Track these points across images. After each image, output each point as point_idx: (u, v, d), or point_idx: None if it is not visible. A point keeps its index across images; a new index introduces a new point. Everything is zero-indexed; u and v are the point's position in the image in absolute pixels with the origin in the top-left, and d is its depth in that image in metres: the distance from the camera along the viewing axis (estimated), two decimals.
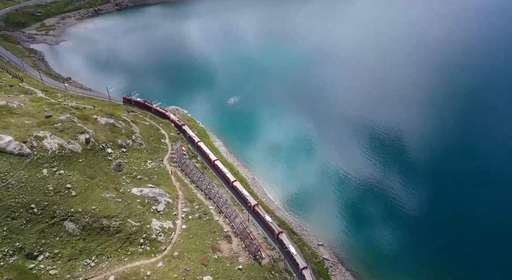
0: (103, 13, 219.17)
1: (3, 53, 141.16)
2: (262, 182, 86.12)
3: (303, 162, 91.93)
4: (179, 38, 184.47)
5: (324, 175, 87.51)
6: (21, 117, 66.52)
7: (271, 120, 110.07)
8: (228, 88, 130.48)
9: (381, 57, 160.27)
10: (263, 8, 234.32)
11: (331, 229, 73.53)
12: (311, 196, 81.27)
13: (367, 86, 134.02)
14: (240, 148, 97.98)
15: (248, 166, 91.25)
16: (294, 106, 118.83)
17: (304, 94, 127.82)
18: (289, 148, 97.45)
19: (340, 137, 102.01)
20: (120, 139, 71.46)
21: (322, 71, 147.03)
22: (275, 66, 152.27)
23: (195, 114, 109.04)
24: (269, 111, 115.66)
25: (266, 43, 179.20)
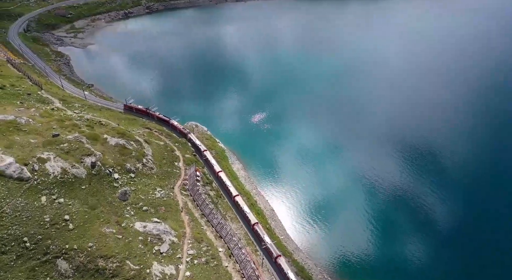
0: (133, 16, 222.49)
1: (30, 56, 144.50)
2: (282, 215, 79.81)
3: (333, 197, 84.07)
4: (207, 45, 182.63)
5: (361, 219, 78.17)
6: (27, 135, 64.52)
7: (299, 143, 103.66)
8: (254, 103, 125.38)
9: (419, 69, 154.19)
10: (297, 16, 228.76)
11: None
12: (340, 238, 73.79)
13: (406, 103, 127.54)
14: (261, 173, 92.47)
15: (268, 196, 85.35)
16: (326, 128, 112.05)
17: (338, 113, 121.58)
18: (317, 178, 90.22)
19: (385, 175, 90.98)
20: (129, 163, 67.89)
21: (360, 85, 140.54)
22: (308, 78, 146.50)
23: (215, 132, 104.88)
24: (297, 131, 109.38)
25: (299, 53, 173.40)
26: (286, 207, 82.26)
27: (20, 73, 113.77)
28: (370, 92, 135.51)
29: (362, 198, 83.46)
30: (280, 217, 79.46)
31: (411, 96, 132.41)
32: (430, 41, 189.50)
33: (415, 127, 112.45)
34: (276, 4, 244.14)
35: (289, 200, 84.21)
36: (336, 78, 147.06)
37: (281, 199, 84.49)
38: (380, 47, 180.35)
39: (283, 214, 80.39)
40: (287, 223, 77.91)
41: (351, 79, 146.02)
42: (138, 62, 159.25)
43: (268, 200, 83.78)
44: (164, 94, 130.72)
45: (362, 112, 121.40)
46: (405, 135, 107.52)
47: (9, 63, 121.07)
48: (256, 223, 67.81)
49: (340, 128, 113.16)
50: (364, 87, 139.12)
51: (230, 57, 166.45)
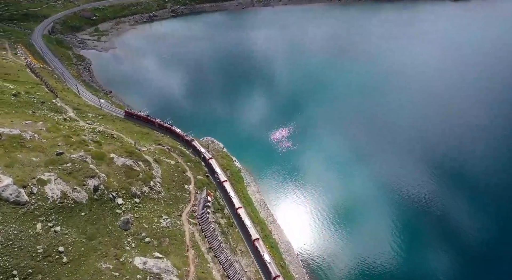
0: (158, 19, 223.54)
1: (51, 59, 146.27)
2: (299, 248, 74.12)
3: (361, 231, 77.37)
4: (230, 52, 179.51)
5: (395, 259, 71.66)
6: (31, 152, 62.42)
7: (321, 165, 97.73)
8: (276, 117, 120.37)
9: (456, 81, 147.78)
10: (327, 21, 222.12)
11: None
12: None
13: (440, 117, 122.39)
14: (278, 198, 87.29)
15: (284, 224, 79.95)
16: (353, 147, 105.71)
17: (367, 127, 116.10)
18: (342, 207, 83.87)
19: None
20: (135, 186, 64.54)
21: (391, 97, 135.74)
22: (336, 89, 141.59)
23: (232, 149, 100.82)
24: (320, 152, 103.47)
25: (327, 61, 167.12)
26: (304, 238, 76.52)
27: (38, 79, 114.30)
28: (400, 103, 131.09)
29: (396, 234, 76.79)
30: (297, 251, 73.83)
31: (444, 110, 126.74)
32: (471, 51, 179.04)
33: (448, 142, 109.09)
34: (304, 9, 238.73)
35: (307, 230, 78.55)
36: (366, 89, 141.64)
37: (299, 229, 78.87)
38: (415, 57, 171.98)
39: (300, 247, 74.74)
40: (305, 257, 72.12)
41: (382, 90, 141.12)
42: (159, 69, 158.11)
43: (284, 230, 78.49)
44: (182, 105, 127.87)
45: (392, 124, 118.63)
46: (436, 149, 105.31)
47: (28, 67, 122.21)
48: (269, 263, 62.52)
49: (369, 143, 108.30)
50: (395, 99, 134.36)
51: (254, 66, 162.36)
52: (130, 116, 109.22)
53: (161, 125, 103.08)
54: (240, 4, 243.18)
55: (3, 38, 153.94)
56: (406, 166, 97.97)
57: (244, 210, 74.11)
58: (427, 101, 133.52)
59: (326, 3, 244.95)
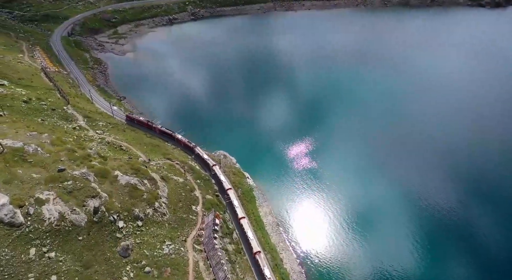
0: (178, 23, 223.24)
1: (67, 63, 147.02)
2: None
3: (385, 263, 72.23)
4: (250, 59, 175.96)
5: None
6: (32, 167, 60.41)
7: (348, 188, 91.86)
8: (294, 131, 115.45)
9: (491, 94, 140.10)
10: (353, 27, 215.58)
11: None
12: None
13: (472, 131, 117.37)
14: (292, 221, 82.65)
15: (297, 250, 75.40)
16: (380, 162, 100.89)
17: (395, 143, 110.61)
18: (363, 233, 78.78)
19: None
20: (138, 208, 61.55)
21: (421, 109, 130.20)
22: (362, 99, 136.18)
23: (245, 164, 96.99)
24: (345, 171, 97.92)
25: (353, 70, 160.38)
26: (319, 269, 71.59)
27: (51, 84, 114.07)
28: (426, 114, 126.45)
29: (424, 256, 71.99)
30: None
31: (473, 123, 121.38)
32: (507, 62, 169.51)
33: (474, 155, 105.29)
34: (328, 14, 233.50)
35: (322, 258, 73.66)
36: (391, 99, 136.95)
37: (313, 257, 74.06)
38: (445, 67, 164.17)
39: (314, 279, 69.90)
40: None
41: (408, 100, 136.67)
42: (175, 75, 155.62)
43: (297, 258, 73.76)
44: (197, 115, 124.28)
45: (416, 136, 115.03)
46: (461, 162, 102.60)
47: (43, 71, 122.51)
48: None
49: (391, 156, 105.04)
50: (421, 109, 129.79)
51: (274, 74, 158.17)
52: (131, 121, 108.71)
53: (162, 131, 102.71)
54: (261, 8, 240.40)
55: (22, 39, 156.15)
56: (430, 178, 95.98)
57: (253, 235, 70.04)
58: (456, 113, 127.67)
59: (351, 8, 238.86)
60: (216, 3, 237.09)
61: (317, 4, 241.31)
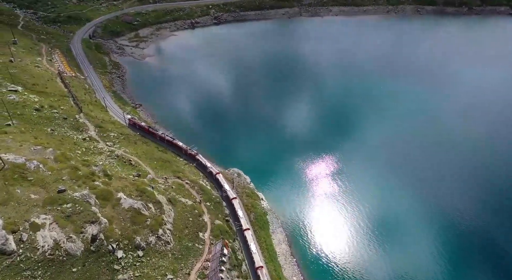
0: (200, 26, 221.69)
1: (85, 67, 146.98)
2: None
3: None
4: (272, 67, 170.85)
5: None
6: (31, 186, 58.04)
7: (372, 216, 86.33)
8: (318, 148, 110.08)
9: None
10: (383, 35, 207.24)
11: None
12: None
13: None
14: (309, 251, 77.21)
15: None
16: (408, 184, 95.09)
17: (425, 162, 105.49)
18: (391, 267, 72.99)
19: None
20: (140, 235, 58.03)
21: (457, 125, 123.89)
22: (389, 113, 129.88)
23: (260, 184, 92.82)
24: (370, 195, 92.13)
25: (383, 83, 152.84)
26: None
27: (66, 90, 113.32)
28: (461, 130, 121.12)
29: None
30: None
31: None
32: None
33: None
34: (357, 21, 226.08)
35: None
36: (421, 114, 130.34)
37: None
38: (483, 80, 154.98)
39: None
40: None
41: (438, 114, 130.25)
42: (194, 83, 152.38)
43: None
44: (212, 127, 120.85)
45: (451, 153, 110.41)
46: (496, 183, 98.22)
47: (59, 76, 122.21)
48: None
49: (419, 176, 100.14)
50: (455, 124, 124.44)
51: (296, 85, 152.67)
52: (134, 126, 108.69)
53: (163, 138, 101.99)
54: (286, 13, 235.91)
55: (43, 42, 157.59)
56: (467, 197, 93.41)
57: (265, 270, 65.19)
58: (494, 131, 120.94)
59: (381, 15, 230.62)
60: (240, 7, 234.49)
61: (345, 10, 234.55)
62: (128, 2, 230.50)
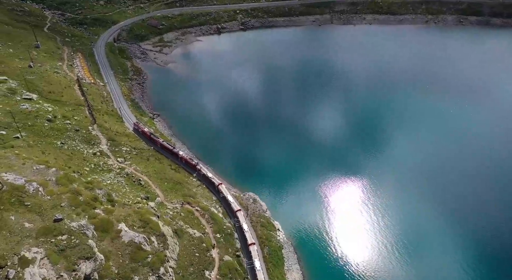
0: (226, 32, 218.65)
1: (106, 72, 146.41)
2: None
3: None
4: (300, 79, 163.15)
5: None
6: (27, 213, 55.12)
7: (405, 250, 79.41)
8: (349, 175, 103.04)
9: None
10: (420, 47, 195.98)
11: None
12: None
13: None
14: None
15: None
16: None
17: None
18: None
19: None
20: (139, 275, 53.93)
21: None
22: (432, 134, 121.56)
23: (277, 212, 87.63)
24: (402, 227, 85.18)
25: (423, 100, 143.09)
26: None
27: (82, 99, 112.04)
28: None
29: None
30: None
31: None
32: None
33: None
34: (392, 31, 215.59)
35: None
36: (462, 132, 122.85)
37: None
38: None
39: None
40: None
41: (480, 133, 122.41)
42: (215, 93, 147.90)
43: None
44: (230, 143, 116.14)
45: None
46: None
47: (77, 83, 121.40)
48: None
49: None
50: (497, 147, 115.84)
51: (324, 100, 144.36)
52: (137, 130, 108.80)
53: (164, 146, 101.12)
54: (317, 20, 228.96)
55: (66, 45, 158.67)
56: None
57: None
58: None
59: (419, 25, 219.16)
60: (268, 12, 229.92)
61: (380, 19, 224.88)
62: (155, 5, 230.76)
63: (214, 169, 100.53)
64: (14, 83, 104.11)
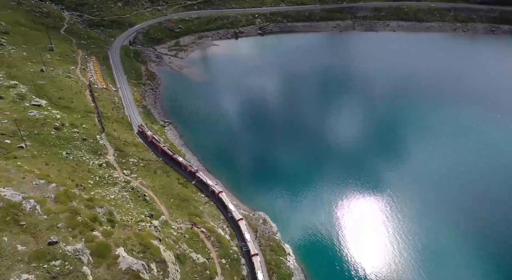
0: (243, 36, 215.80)
1: (119, 77, 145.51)
2: None
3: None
4: (321, 89, 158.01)
5: None
6: (21, 234, 53.01)
7: None
8: (373, 195, 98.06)
9: None
10: (448, 57, 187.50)
11: None
12: None
13: None
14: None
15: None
16: None
17: None
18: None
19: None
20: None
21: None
22: (462, 152, 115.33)
23: (289, 234, 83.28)
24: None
25: (451, 114, 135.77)
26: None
27: (92, 105, 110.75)
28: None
29: None
30: None
31: None
32: None
33: None
34: (418, 39, 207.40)
35: None
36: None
37: None
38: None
39: None
40: None
41: None
42: (230, 101, 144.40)
43: None
44: (242, 156, 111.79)
45: None
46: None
47: (89, 88, 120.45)
48: None
49: None
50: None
51: (346, 109, 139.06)
52: (141, 134, 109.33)
53: (164, 151, 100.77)
54: (338, 26, 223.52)
55: (82, 47, 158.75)
56: None
57: None
58: None
59: (447, 33, 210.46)
60: (287, 17, 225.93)
61: (405, 26, 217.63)
62: (173, 7, 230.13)
63: (224, 183, 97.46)
64: (25, 88, 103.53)
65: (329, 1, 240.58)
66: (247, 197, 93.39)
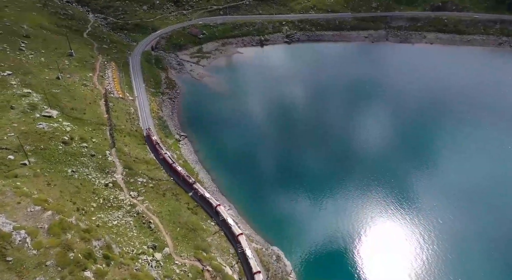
0: (269, 44, 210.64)
1: (138, 85, 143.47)
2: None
3: None
4: (348, 107, 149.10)
5: None
6: (6, 271, 49.96)
7: None
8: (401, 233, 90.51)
9: None
10: (493, 72, 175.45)
11: None
12: None
13: None
14: None
15: None
16: None
17: None
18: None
19: None
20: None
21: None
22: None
23: (304, 277, 75.87)
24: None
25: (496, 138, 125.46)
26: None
27: (105, 116, 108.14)
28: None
29: None
30: None
31: None
32: None
33: None
34: (457, 52, 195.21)
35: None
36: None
37: None
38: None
39: None
40: None
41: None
42: (251, 115, 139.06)
43: None
44: (260, 179, 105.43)
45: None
46: None
47: (104, 97, 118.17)
48: None
49: None
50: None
51: (375, 132, 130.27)
52: (147, 138, 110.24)
53: (165, 158, 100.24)
54: (370, 36, 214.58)
55: (103, 52, 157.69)
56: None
57: None
58: None
59: (490, 47, 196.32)
60: (317, 25, 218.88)
61: (443, 38, 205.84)
62: (198, 12, 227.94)
63: (238, 209, 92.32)
64: (38, 97, 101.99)
65: (362, 9, 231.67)
66: (261, 227, 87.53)
